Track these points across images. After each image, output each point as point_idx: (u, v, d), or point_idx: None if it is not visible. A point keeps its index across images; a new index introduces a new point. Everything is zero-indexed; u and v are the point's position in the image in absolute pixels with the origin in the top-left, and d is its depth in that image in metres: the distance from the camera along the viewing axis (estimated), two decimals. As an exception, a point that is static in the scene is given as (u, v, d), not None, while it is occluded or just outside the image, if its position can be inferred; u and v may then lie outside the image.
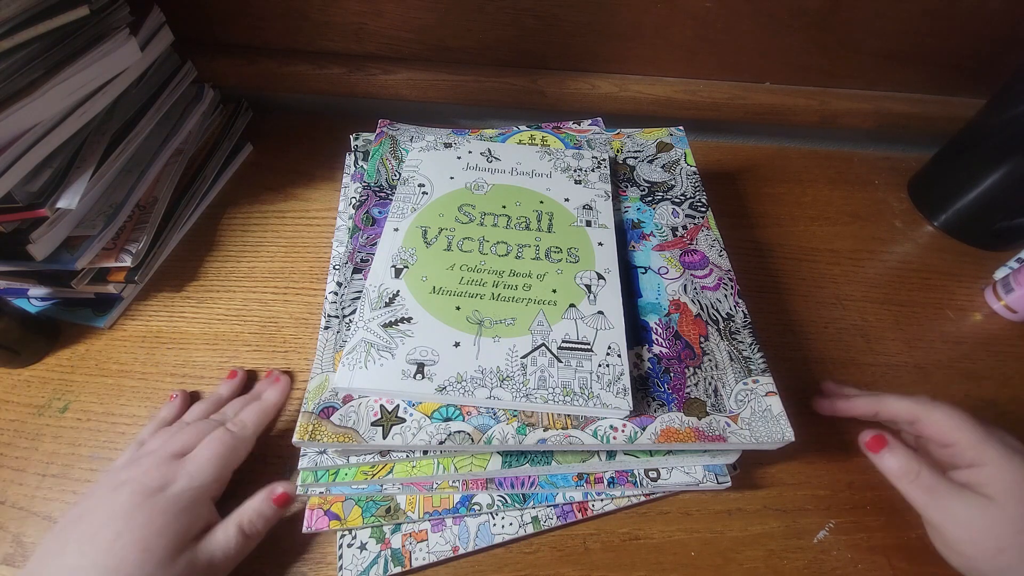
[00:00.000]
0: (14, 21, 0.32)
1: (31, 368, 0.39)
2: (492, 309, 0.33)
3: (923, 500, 0.31)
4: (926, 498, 0.31)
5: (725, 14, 0.51)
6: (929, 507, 0.31)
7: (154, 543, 0.27)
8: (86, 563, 0.26)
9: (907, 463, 0.32)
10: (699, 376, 0.33)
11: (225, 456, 0.31)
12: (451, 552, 0.32)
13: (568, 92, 0.55)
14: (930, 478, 0.31)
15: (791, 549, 0.34)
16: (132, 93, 0.43)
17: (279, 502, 0.31)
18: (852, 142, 0.64)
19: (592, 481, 0.33)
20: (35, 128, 0.34)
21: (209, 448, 0.31)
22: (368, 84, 0.54)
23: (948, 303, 0.49)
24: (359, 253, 0.36)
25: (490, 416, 0.30)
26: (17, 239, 0.35)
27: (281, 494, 0.32)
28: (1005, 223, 0.51)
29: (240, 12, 0.51)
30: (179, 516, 0.28)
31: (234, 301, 0.43)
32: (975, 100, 0.55)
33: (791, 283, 0.48)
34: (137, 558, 0.26)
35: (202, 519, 0.30)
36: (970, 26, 0.52)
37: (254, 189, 0.51)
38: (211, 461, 0.31)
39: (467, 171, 0.41)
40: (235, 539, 0.29)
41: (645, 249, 0.39)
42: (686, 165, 0.45)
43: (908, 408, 0.34)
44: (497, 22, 0.51)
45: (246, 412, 0.34)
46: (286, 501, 0.32)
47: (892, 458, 0.32)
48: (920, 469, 0.31)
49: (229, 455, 0.32)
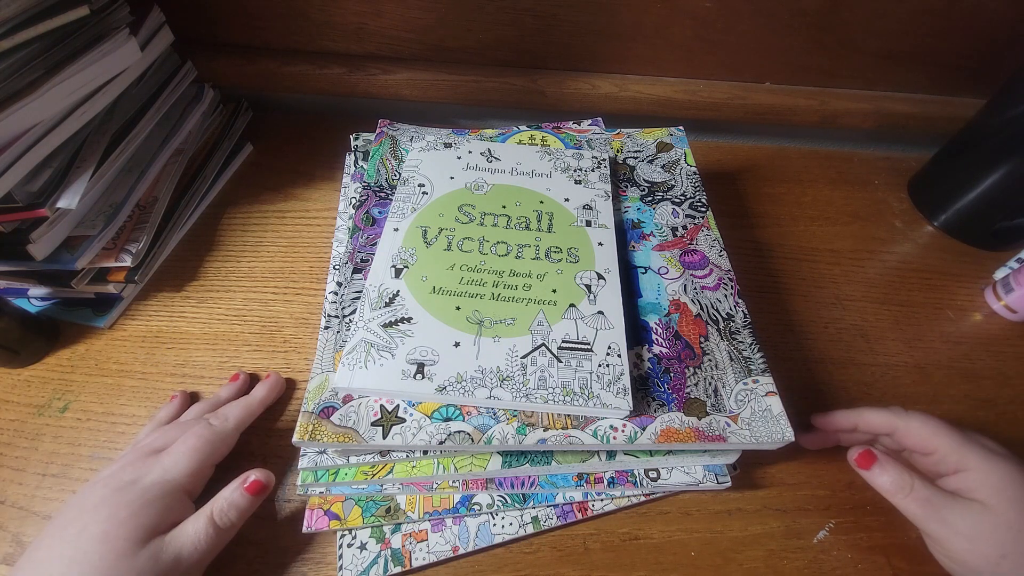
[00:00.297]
0: (14, 21, 0.32)
1: (31, 368, 0.39)
2: (492, 309, 0.33)
3: (920, 513, 0.31)
4: (923, 511, 0.31)
5: (725, 14, 0.51)
6: (927, 520, 0.30)
7: (115, 534, 0.26)
8: (53, 556, 0.26)
9: (899, 477, 0.31)
10: (699, 376, 0.33)
11: (202, 450, 0.31)
12: (451, 552, 0.32)
13: (568, 92, 0.55)
14: (924, 490, 0.31)
15: (791, 549, 0.34)
16: (132, 93, 0.43)
17: (252, 490, 0.30)
18: (852, 142, 0.64)
19: (592, 481, 0.33)
20: (35, 128, 0.34)
21: (186, 442, 0.31)
22: (368, 84, 0.54)
23: (948, 303, 0.49)
24: (359, 253, 0.36)
25: (490, 416, 0.30)
26: (17, 239, 0.35)
27: (254, 482, 0.30)
28: (1005, 223, 0.51)
29: (240, 12, 0.51)
30: (145, 508, 0.28)
31: (234, 301, 0.43)
32: (975, 100, 0.55)
33: (791, 283, 0.48)
34: (97, 549, 0.26)
35: (173, 512, 0.29)
36: (970, 26, 0.52)
37: (254, 189, 0.51)
38: (186, 454, 0.30)
39: (467, 171, 0.41)
40: (204, 532, 0.28)
41: (645, 249, 0.39)
42: (686, 165, 0.45)
43: (884, 419, 0.34)
44: (497, 22, 0.51)
45: (229, 407, 0.34)
46: (260, 489, 0.31)
47: (883, 474, 0.32)
48: (913, 482, 0.31)
49: (206, 448, 0.31)
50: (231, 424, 0.33)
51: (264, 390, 0.37)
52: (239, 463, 0.35)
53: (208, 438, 0.31)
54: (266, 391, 0.37)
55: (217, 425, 0.33)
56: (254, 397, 0.36)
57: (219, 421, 0.33)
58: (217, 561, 0.31)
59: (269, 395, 0.37)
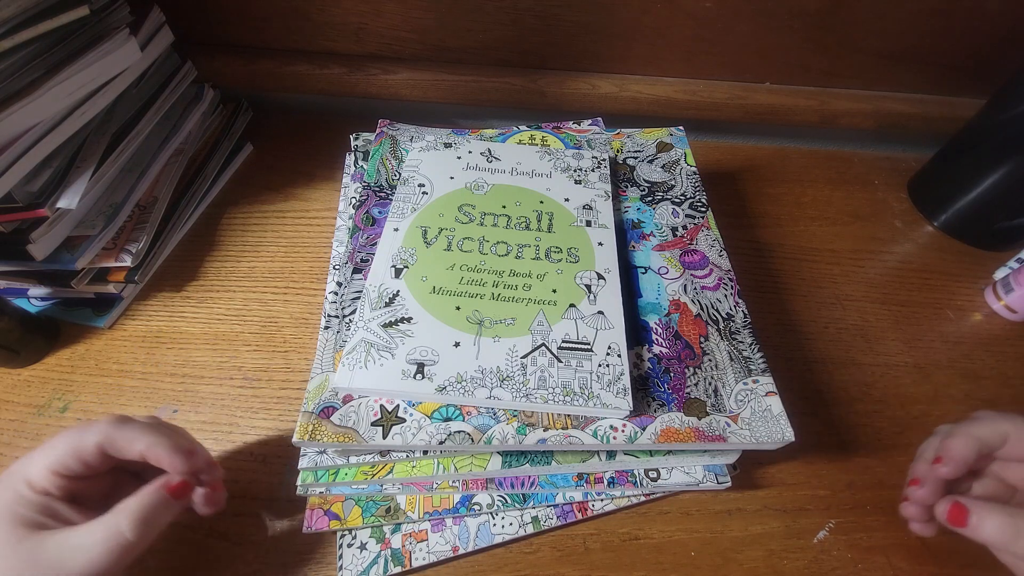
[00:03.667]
0: (14, 21, 0.32)
1: (31, 368, 0.39)
2: (492, 309, 0.33)
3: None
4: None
5: (725, 14, 0.51)
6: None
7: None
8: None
9: (1005, 520, 0.26)
10: (699, 376, 0.33)
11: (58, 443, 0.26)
12: (451, 552, 0.32)
13: (568, 92, 0.55)
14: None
15: (791, 549, 0.34)
16: (132, 93, 0.43)
17: (174, 491, 0.26)
18: (852, 142, 0.64)
19: (592, 481, 0.33)
20: (35, 128, 0.34)
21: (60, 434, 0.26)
22: (368, 84, 0.54)
23: (948, 303, 0.49)
24: (359, 253, 0.36)
25: (490, 416, 0.30)
26: (17, 239, 0.35)
27: (178, 484, 0.26)
28: (1005, 223, 0.51)
29: (240, 12, 0.51)
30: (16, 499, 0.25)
31: (234, 301, 0.43)
32: (975, 100, 0.55)
33: (791, 283, 0.48)
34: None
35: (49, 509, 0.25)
36: (970, 26, 0.52)
37: (254, 189, 0.51)
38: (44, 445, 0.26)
39: (467, 171, 0.41)
40: (101, 537, 0.24)
41: (645, 249, 0.39)
42: (686, 165, 0.45)
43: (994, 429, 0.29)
44: (497, 22, 0.51)
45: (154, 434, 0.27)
46: (181, 491, 0.26)
47: (988, 520, 0.27)
48: (1017, 521, 0.26)
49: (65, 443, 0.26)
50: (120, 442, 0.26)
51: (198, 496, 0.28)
52: (240, 464, 0.35)
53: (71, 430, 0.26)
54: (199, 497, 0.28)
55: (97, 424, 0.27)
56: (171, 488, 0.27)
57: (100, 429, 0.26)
58: (217, 561, 0.31)
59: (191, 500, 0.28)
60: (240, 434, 0.37)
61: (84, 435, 0.26)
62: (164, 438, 0.27)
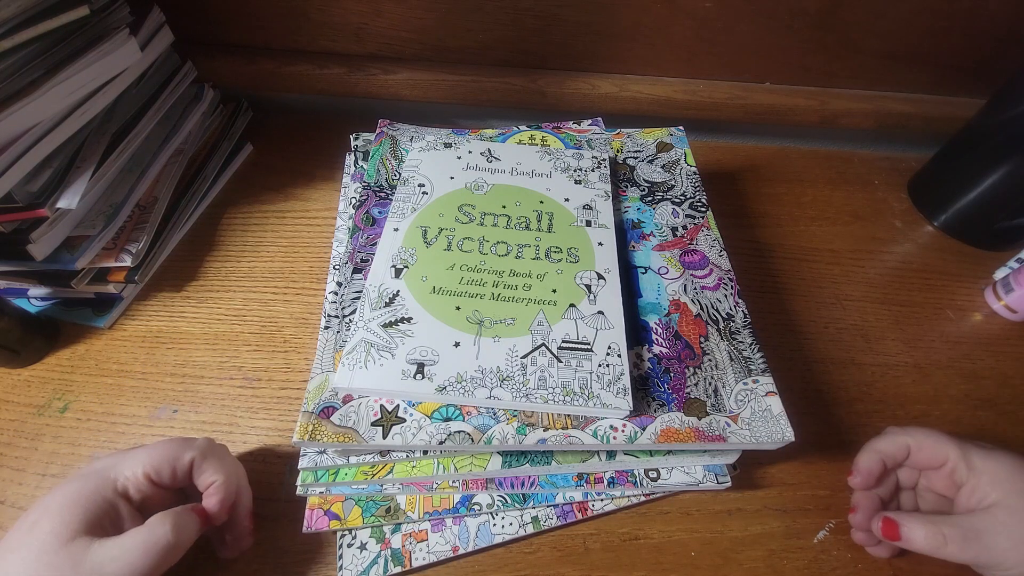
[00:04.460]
0: (14, 21, 0.32)
1: (31, 368, 0.39)
2: (492, 309, 0.33)
3: (965, 554, 0.29)
4: (965, 550, 0.29)
5: (725, 14, 0.51)
6: (976, 555, 0.29)
7: (42, 526, 0.25)
8: (3, 543, 0.25)
9: (929, 529, 0.29)
10: (699, 376, 0.33)
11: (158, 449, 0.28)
12: (451, 552, 0.32)
13: (568, 92, 0.55)
14: (953, 529, 0.29)
15: (791, 549, 0.34)
16: (132, 93, 0.43)
17: (201, 514, 0.28)
18: (852, 142, 0.64)
19: (592, 481, 0.33)
20: (35, 128, 0.34)
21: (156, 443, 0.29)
22: (368, 84, 0.54)
23: (948, 303, 0.49)
24: (359, 253, 0.36)
25: (490, 416, 0.30)
26: (17, 239, 0.35)
27: (207, 510, 0.28)
28: (1005, 223, 0.51)
29: (240, 12, 0.51)
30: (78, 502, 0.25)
31: (234, 301, 0.43)
32: (975, 100, 0.55)
33: (791, 283, 0.48)
34: (23, 539, 0.25)
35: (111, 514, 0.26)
36: (970, 26, 0.52)
37: (254, 189, 0.51)
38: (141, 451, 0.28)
39: (467, 171, 0.41)
40: (142, 546, 0.25)
41: (645, 249, 0.39)
42: (686, 165, 0.45)
43: (894, 443, 0.33)
44: (497, 22, 0.51)
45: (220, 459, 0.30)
46: (207, 519, 0.28)
47: (915, 531, 0.30)
48: (942, 529, 0.29)
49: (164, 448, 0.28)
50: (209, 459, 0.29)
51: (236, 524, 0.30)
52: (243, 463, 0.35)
53: (174, 441, 0.29)
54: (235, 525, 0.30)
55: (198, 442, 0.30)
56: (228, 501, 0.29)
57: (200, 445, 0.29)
58: (217, 561, 0.31)
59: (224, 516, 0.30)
60: (240, 434, 0.37)
61: (185, 449, 0.29)
62: (231, 481, 0.29)
